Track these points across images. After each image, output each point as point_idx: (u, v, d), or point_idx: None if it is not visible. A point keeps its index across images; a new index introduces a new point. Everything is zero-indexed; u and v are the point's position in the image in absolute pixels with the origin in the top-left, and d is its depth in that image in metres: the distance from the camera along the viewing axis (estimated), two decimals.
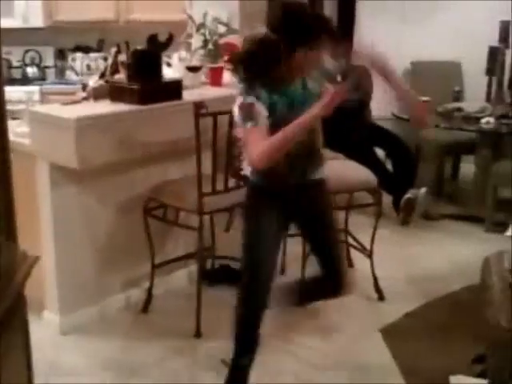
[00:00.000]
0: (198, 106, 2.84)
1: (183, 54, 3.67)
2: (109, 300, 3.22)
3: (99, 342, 3.00)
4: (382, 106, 4.57)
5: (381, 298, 3.41)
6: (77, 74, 3.64)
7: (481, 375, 2.53)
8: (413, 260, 3.88)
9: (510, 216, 3.97)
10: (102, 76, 3.26)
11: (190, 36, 3.72)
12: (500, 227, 3.98)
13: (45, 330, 3.00)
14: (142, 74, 3.05)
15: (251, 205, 2.48)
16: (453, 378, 2.65)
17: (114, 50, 3.37)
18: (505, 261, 2.47)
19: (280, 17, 2.28)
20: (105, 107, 2.98)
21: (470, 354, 2.75)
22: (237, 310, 2.55)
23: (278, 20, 2.27)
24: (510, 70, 4.73)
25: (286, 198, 2.44)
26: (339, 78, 2.40)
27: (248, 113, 2.23)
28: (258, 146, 2.21)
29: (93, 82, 3.17)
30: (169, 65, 3.61)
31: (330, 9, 5.92)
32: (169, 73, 3.47)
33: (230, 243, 3.82)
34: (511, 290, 2.26)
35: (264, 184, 2.42)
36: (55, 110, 2.91)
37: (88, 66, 3.59)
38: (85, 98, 3.08)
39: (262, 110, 2.23)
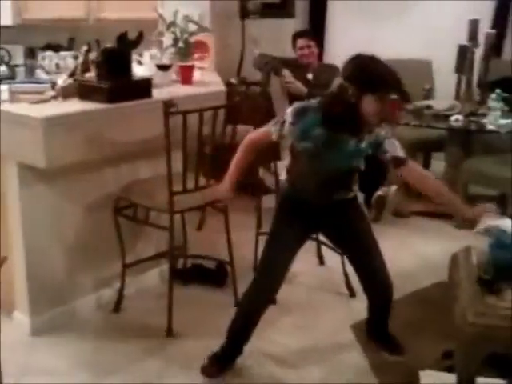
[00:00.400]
0: (168, 104, 2.82)
1: (154, 52, 3.67)
2: (80, 300, 3.20)
3: (70, 342, 2.98)
4: None
5: (352, 294, 3.43)
6: (46, 72, 3.60)
7: (449, 370, 2.56)
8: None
9: None
10: (72, 75, 3.23)
11: (161, 34, 3.70)
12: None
13: (15, 331, 2.98)
14: (112, 73, 3.02)
15: (279, 208, 2.75)
16: (422, 374, 2.69)
17: (84, 48, 3.34)
18: (472, 256, 2.51)
19: (356, 66, 2.40)
20: (74, 106, 2.95)
21: (439, 350, 2.79)
22: (240, 303, 2.79)
23: (354, 69, 2.39)
24: (479, 69, 4.78)
25: (311, 212, 2.65)
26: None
27: (278, 121, 2.52)
28: (253, 132, 2.65)
29: (62, 80, 3.14)
30: (140, 63, 3.59)
31: (301, 8, 5.95)
32: (140, 71, 3.46)
33: (203, 242, 3.85)
34: (478, 285, 2.30)
35: (292, 195, 2.69)
36: (23, 108, 2.87)
37: (57, 65, 3.55)
38: (54, 97, 3.05)
39: (286, 130, 2.48)
